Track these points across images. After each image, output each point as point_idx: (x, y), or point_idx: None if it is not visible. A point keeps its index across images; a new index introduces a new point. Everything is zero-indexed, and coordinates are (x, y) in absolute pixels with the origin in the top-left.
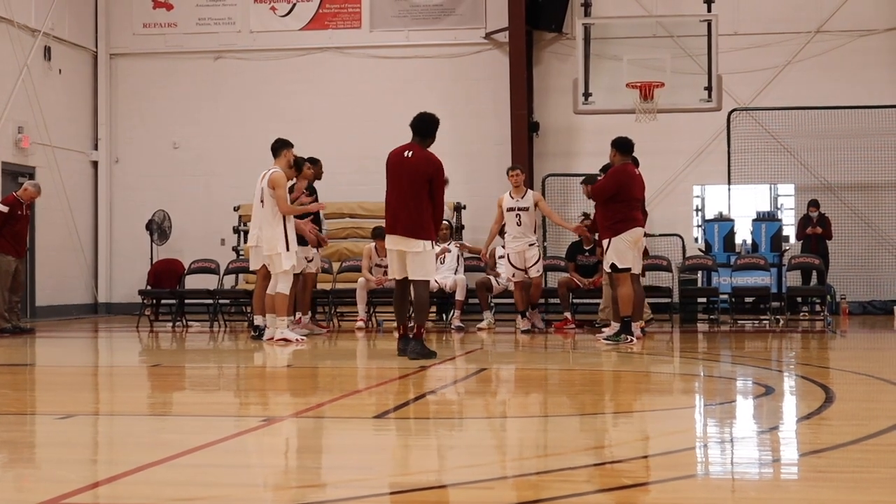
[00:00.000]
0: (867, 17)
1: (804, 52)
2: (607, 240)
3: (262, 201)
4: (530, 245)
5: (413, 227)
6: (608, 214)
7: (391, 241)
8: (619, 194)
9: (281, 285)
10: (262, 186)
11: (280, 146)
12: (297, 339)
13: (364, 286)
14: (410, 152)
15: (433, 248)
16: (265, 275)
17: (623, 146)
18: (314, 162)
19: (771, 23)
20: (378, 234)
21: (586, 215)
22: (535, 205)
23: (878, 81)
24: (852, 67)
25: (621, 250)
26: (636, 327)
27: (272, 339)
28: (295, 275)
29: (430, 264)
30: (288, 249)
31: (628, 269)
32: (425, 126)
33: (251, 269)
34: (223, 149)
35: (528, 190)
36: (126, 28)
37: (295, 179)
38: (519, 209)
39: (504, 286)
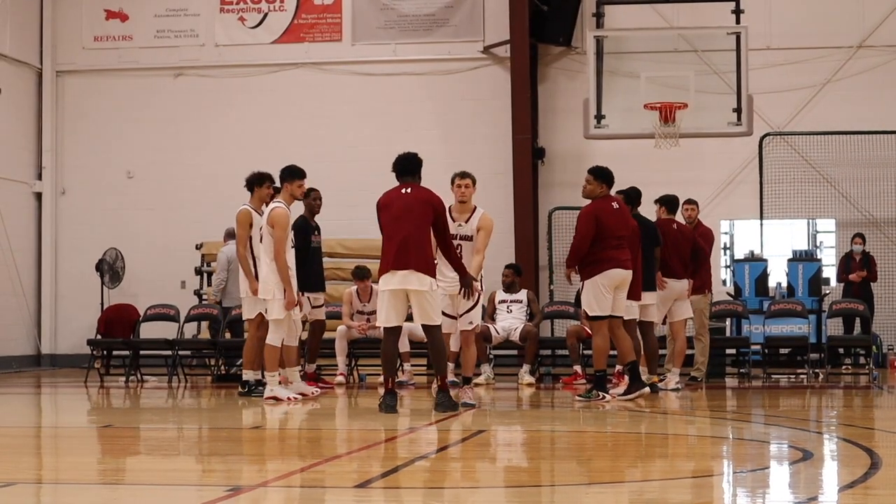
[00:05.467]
0: None
1: (845, 70)
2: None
3: (261, 239)
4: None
5: (423, 263)
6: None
7: (396, 280)
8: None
9: (271, 336)
10: (261, 224)
11: (285, 176)
12: (288, 398)
13: (344, 335)
14: (408, 189)
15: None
16: (259, 324)
17: (602, 174)
18: (307, 193)
19: (807, 37)
20: (360, 275)
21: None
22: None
23: None
24: None
25: (596, 295)
26: (649, 380)
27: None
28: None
29: (439, 306)
30: (284, 296)
31: (603, 318)
32: (410, 165)
33: (244, 317)
34: (184, 179)
35: (478, 209)
36: (75, 42)
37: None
38: (461, 238)
39: (504, 336)
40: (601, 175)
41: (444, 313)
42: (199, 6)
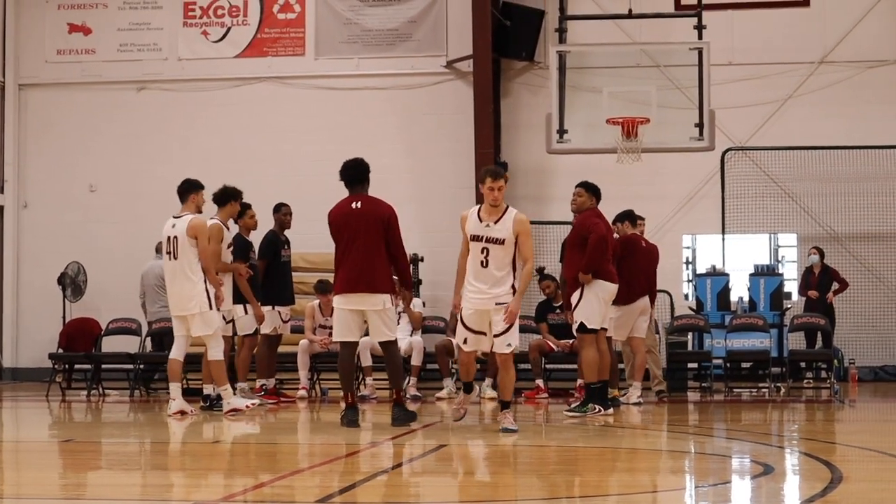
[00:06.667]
0: (876, 47)
1: (807, 86)
2: (578, 292)
3: (169, 253)
4: (499, 304)
5: (374, 282)
6: (578, 263)
7: (347, 301)
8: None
9: (212, 351)
10: (172, 236)
11: (188, 189)
12: (247, 406)
13: (306, 349)
14: (358, 203)
15: (392, 304)
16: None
17: (593, 188)
18: (278, 208)
19: (769, 52)
20: (322, 289)
21: (542, 272)
22: (516, 238)
23: (889, 118)
24: (860, 102)
25: (594, 307)
26: (610, 394)
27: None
28: (266, 335)
29: (394, 321)
30: (210, 308)
31: (596, 331)
32: (357, 172)
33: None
34: (147, 192)
35: (510, 210)
36: (37, 55)
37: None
38: (488, 240)
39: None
40: (591, 189)
41: (470, 329)
42: (163, 20)
